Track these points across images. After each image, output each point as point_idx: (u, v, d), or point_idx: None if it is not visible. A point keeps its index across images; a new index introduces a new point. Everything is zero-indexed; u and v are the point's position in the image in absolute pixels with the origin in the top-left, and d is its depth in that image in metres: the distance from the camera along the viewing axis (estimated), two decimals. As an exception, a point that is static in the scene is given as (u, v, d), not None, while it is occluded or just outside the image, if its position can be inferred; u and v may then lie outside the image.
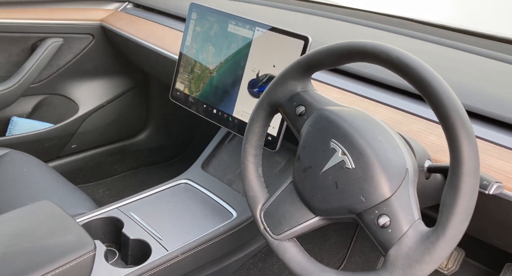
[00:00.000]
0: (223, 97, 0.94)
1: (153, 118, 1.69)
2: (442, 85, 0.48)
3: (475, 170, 0.45)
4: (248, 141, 0.69)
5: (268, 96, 0.66)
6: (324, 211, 0.59)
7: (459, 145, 0.45)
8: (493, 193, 0.53)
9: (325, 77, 0.92)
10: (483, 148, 0.63)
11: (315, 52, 0.60)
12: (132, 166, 1.67)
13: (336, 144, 0.57)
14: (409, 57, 0.50)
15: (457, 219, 0.46)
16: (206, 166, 1.07)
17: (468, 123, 0.46)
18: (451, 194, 0.46)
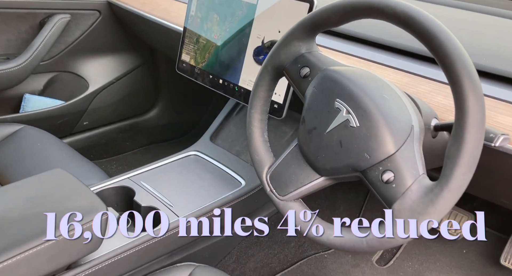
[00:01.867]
0: (229, 66, 0.94)
1: (163, 95, 1.70)
2: (448, 37, 0.46)
3: (480, 121, 0.45)
4: (253, 106, 0.69)
5: (272, 60, 0.66)
6: (329, 170, 0.59)
7: (464, 96, 0.45)
8: (499, 145, 0.53)
9: (331, 43, 0.90)
10: (492, 106, 0.62)
11: (320, 10, 0.59)
12: (143, 143, 1.69)
13: (340, 103, 0.57)
14: (415, 9, 0.49)
15: (461, 170, 0.46)
16: (215, 138, 1.08)
17: (474, 75, 0.45)
18: (455, 146, 0.46)
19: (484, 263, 1.03)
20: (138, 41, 1.47)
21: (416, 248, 1.15)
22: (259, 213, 1.00)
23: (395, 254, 1.16)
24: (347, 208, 1.22)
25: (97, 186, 0.86)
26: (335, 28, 0.91)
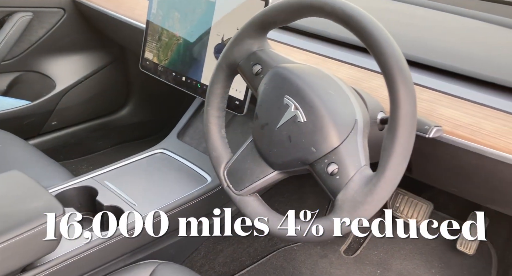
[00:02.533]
0: (191, 64, 0.94)
1: (134, 93, 1.68)
2: (382, 33, 0.49)
3: (411, 113, 0.47)
4: (210, 103, 0.70)
5: (226, 57, 0.67)
6: (281, 164, 0.61)
7: (396, 89, 0.47)
8: (433, 136, 0.55)
9: (291, 40, 0.92)
10: (436, 99, 0.65)
11: (268, 9, 0.61)
12: (115, 142, 1.68)
13: (289, 100, 0.59)
14: (352, 7, 0.51)
15: (395, 161, 0.48)
16: (182, 135, 1.09)
17: (405, 69, 0.47)
18: (389, 137, 0.48)
19: (443, 249, 1.07)
20: (107, 39, 1.46)
21: (382, 237, 1.19)
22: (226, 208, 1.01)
23: (362, 243, 1.19)
24: (315, 201, 1.25)
25: (59, 187, 0.85)
26: (295, 25, 0.92)
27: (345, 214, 0.51)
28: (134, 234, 0.75)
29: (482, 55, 0.69)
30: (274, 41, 0.92)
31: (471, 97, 0.62)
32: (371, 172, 0.53)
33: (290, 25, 0.91)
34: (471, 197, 0.72)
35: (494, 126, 0.57)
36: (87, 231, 0.73)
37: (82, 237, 0.72)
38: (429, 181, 0.78)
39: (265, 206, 0.64)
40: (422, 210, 1.07)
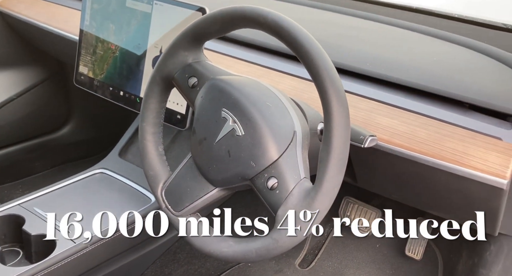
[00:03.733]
0: (129, 77, 0.90)
1: (76, 110, 1.59)
2: (313, 45, 0.48)
3: (345, 124, 0.46)
4: (145, 118, 0.66)
5: (159, 70, 0.64)
6: (221, 181, 0.58)
7: (328, 101, 0.46)
8: (368, 145, 0.55)
9: (235, 51, 0.91)
10: (374, 108, 0.66)
11: (200, 20, 0.58)
12: (56, 162, 1.56)
13: (226, 113, 0.56)
14: (284, 19, 0.50)
15: (331, 173, 0.47)
16: (124, 153, 1.03)
17: (337, 81, 0.47)
18: (325, 149, 0.47)
19: (394, 255, 1.09)
20: (42, 53, 1.37)
21: (336, 247, 1.19)
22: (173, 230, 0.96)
23: (317, 255, 1.18)
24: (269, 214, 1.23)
25: (-21, 217, 0.76)
26: (238, 37, 0.91)
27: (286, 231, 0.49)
28: (71, 263, 0.69)
29: (417, 65, 0.72)
30: (217, 53, 0.90)
31: (407, 106, 0.63)
32: (310, 184, 0.51)
33: (234, 36, 0.91)
34: (413, 203, 0.74)
35: (428, 134, 0.58)
36: (18, 267, 0.66)
37: (9, 273, 0.65)
38: (373, 189, 0.78)
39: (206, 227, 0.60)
40: (372, 217, 1.08)
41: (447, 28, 0.85)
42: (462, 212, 0.66)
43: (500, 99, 0.59)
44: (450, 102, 0.62)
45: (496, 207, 0.58)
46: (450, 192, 0.61)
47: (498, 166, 0.54)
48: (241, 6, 0.54)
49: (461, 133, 0.58)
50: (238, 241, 0.55)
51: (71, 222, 0.63)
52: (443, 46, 0.80)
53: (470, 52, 0.76)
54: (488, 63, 0.72)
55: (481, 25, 0.87)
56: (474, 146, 0.56)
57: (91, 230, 0.77)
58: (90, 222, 0.79)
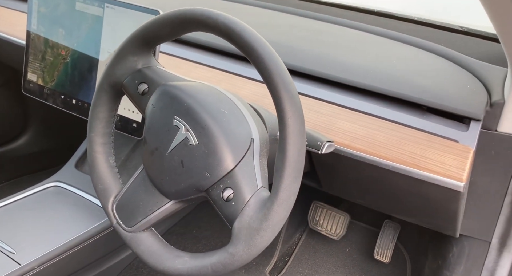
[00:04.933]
0: (81, 85, 0.84)
1: (33, 119, 1.50)
2: (265, 49, 0.46)
3: (299, 132, 0.44)
4: (93, 128, 0.62)
5: (107, 77, 0.60)
6: (175, 193, 0.55)
7: (282, 107, 0.44)
8: (325, 151, 0.53)
9: (195, 56, 0.88)
10: (335, 112, 0.64)
11: (149, 23, 0.55)
12: (11, 176, 1.47)
13: (179, 121, 0.53)
14: (235, 22, 0.47)
15: (287, 182, 0.44)
16: (81, 165, 0.97)
17: (290, 86, 0.45)
18: (280, 157, 0.45)
19: (363, 258, 1.08)
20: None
21: (306, 252, 1.17)
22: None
23: (287, 261, 1.16)
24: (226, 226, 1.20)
25: None
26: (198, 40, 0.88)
27: (242, 244, 0.46)
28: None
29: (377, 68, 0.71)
30: (176, 57, 0.87)
31: (367, 110, 0.62)
32: (268, 193, 0.48)
33: (194, 40, 0.87)
34: (376, 207, 0.73)
35: (386, 137, 0.57)
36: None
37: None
38: (339, 193, 0.77)
39: (161, 242, 0.56)
40: (340, 221, 1.07)
41: (406, 31, 0.85)
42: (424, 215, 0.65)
43: (457, 102, 0.59)
44: (409, 105, 0.61)
45: (455, 209, 0.58)
46: (410, 195, 0.60)
47: (455, 168, 0.53)
48: (191, 8, 0.51)
49: (419, 136, 0.57)
50: (194, 256, 0.52)
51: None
52: (402, 49, 0.80)
53: (427, 55, 0.76)
54: (445, 66, 0.72)
55: (439, 28, 0.88)
56: (431, 149, 0.55)
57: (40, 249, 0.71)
58: (39, 240, 0.73)
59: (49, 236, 0.75)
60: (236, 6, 1.11)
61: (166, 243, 0.56)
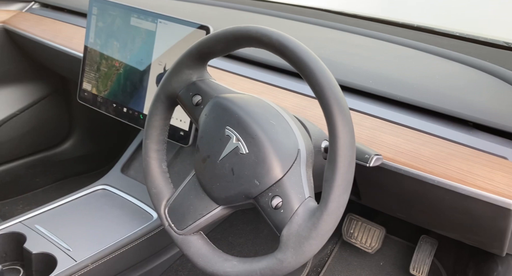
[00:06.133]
0: (132, 94, 0.90)
1: (77, 125, 1.59)
2: (317, 65, 0.48)
3: (350, 144, 0.46)
4: (149, 136, 0.66)
5: (164, 88, 0.64)
6: (225, 199, 0.57)
7: (334, 121, 0.46)
8: (373, 164, 0.55)
9: (237, 68, 0.91)
10: (378, 126, 0.65)
11: (205, 39, 0.59)
12: (57, 178, 1.56)
13: (230, 131, 0.56)
14: (288, 39, 0.50)
15: (337, 193, 0.46)
16: (127, 169, 1.02)
17: (342, 101, 0.47)
18: (330, 169, 0.47)
19: (398, 273, 1.07)
20: (45, 69, 1.38)
21: (339, 264, 1.17)
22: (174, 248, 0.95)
23: (319, 273, 1.16)
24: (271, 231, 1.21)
25: (-20, 235, 0.76)
26: (240, 54, 0.92)
27: (290, 251, 0.48)
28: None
29: (420, 83, 0.72)
30: (219, 70, 0.91)
31: (411, 124, 0.63)
32: (315, 204, 0.50)
33: (235, 53, 0.91)
34: (417, 221, 0.73)
35: (433, 152, 0.58)
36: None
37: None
38: (377, 207, 0.78)
39: (209, 246, 0.59)
40: (375, 235, 1.07)
41: (449, 47, 0.85)
42: (468, 231, 0.65)
43: (504, 118, 0.59)
44: (454, 120, 0.62)
45: (504, 227, 0.57)
46: (455, 211, 0.60)
47: (504, 185, 0.53)
48: (246, 26, 0.54)
49: (466, 152, 0.57)
50: (242, 261, 0.54)
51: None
52: (445, 64, 0.81)
53: (473, 71, 0.76)
54: (491, 82, 0.72)
55: (483, 44, 0.88)
56: (479, 165, 0.56)
57: (93, 248, 0.76)
58: (91, 239, 0.78)
59: (100, 236, 0.80)
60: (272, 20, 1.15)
61: (214, 247, 0.59)
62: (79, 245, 0.76)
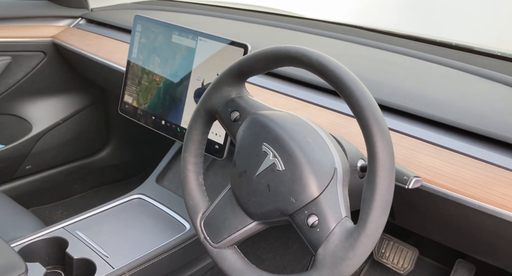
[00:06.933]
0: (170, 107, 0.93)
1: (114, 134, 1.66)
2: (357, 85, 0.49)
3: (390, 165, 0.46)
4: (187, 149, 0.68)
5: (204, 104, 0.66)
6: (260, 215, 0.58)
7: (373, 141, 0.46)
8: (412, 187, 0.54)
9: (273, 84, 0.93)
10: (415, 146, 0.65)
11: (245, 58, 0.61)
12: (94, 184, 1.62)
13: (267, 147, 0.57)
14: (328, 59, 0.51)
15: (375, 214, 0.46)
16: (161, 180, 1.05)
17: (381, 121, 0.47)
18: (369, 189, 0.47)
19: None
20: (87, 81, 1.45)
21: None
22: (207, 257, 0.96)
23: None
24: (300, 246, 1.21)
25: (27, 239, 0.80)
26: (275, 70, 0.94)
27: (326, 270, 0.49)
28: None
29: (460, 104, 0.71)
30: (253, 85, 0.92)
31: (450, 146, 0.62)
32: (352, 224, 0.50)
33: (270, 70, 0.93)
34: (456, 246, 0.70)
35: (474, 176, 0.57)
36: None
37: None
38: (412, 228, 0.76)
39: (244, 260, 0.60)
40: (408, 256, 1.04)
41: (490, 66, 0.84)
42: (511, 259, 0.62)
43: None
44: (496, 143, 0.60)
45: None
46: (496, 237, 0.58)
47: (551, 213, 0.51)
48: (285, 46, 0.56)
49: (510, 176, 0.56)
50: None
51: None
52: (486, 85, 0.79)
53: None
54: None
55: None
56: (524, 191, 0.54)
57: (130, 255, 0.79)
58: (128, 247, 0.81)
59: (136, 244, 0.82)
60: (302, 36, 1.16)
61: (248, 262, 0.60)
62: (116, 252, 0.79)
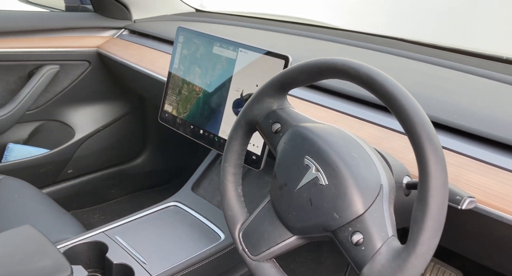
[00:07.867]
0: (209, 117, 0.95)
1: (150, 142, 1.70)
2: (408, 100, 0.47)
3: (443, 184, 0.44)
4: (227, 159, 0.69)
5: (245, 115, 0.66)
6: (300, 229, 0.57)
7: (426, 159, 0.45)
8: (466, 207, 0.51)
9: (312, 96, 0.92)
10: (464, 164, 0.62)
11: (288, 70, 0.61)
12: (129, 190, 1.66)
13: (309, 160, 0.56)
14: (377, 73, 0.50)
15: (427, 235, 0.44)
16: (197, 188, 1.07)
17: (434, 138, 0.45)
18: (420, 209, 0.45)
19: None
20: (127, 90, 1.50)
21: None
22: (240, 268, 0.96)
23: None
24: (333, 261, 1.18)
25: (69, 242, 0.83)
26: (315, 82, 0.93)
27: None
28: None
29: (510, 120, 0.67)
30: (293, 97, 0.92)
31: (503, 164, 0.58)
32: (399, 244, 0.49)
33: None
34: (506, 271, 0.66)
35: (531, 197, 0.53)
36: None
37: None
38: (460, 251, 0.72)
39: (283, 274, 0.59)
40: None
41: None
42: None
43: None
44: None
45: None
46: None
47: None
48: (331, 58, 0.55)
49: None
50: None
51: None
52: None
53: None
54: None
55: None
56: None
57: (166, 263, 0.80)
58: (164, 254, 0.82)
59: (172, 251, 0.83)
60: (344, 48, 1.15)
61: None
62: (154, 259, 0.80)
